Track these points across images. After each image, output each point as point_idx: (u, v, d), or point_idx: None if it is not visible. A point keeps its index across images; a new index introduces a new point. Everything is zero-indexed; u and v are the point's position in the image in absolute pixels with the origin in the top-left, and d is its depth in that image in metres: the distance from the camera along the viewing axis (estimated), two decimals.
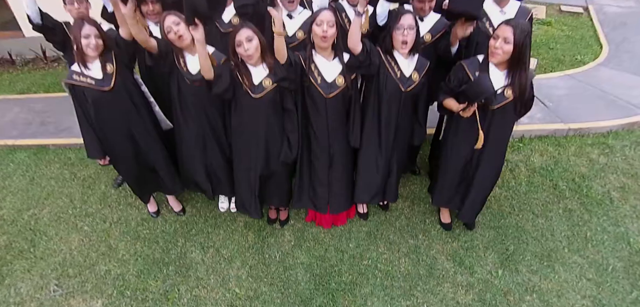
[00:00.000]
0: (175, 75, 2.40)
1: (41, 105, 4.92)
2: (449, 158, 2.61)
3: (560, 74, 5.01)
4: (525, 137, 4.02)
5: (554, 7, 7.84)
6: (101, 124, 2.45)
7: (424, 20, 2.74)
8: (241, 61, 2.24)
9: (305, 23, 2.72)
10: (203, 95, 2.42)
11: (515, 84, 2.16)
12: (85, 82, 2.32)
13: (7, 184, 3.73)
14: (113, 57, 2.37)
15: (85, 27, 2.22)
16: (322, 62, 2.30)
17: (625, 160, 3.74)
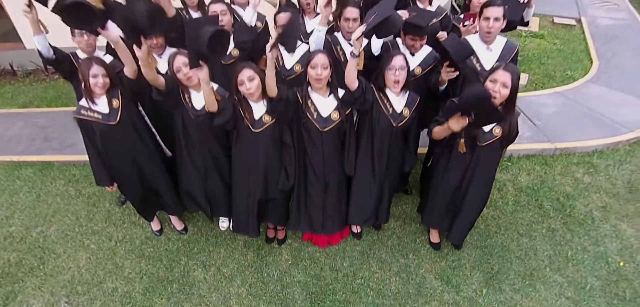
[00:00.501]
0: (180, 109, 2.58)
1: (44, 119, 5.08)
2: (438, 185, 2.80)
3: (550, 92, 5.21)
4: (513, 156, 4.21)
5: (547, 19, 8.04)
6: (108, 155, 2.63)
7: (415, 55, 2.92)
8: (243, 97, 2.42)
9: (303, 57, 2.90)
10: (206, 127, 2.60)
11: (505, 123, 2.35)
12: (93, 116, 2.49)
13: (15, 200, 3.90)
14: (119, 92, 2.54)
15: (93, 67, 2.39)
16: (318, 98, 2.48)
17: (609, 179, 3.95)
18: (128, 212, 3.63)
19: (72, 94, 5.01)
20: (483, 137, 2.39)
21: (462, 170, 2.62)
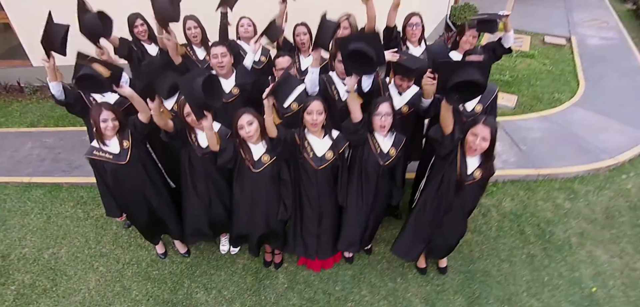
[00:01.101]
0: (186, 147, 2.83)
1: (52, 139, 5.32)
2: (416, 218, 3.03)
3: (537, 116, 5.47)
4: (498, 181, 4.46)
5: (538, 37, 8.32)
6: (119, 190, 2.87)
7: (402, 94, 3.18)
8: (243, 140, 2.67)
9: (300, 96, 3.16)
10: (210, 163, 2.85)
11: (484, 168, 2.60)
12: (105, 157, 2.74)
13: (26, 222, 4.14)
14: (129, 133, 2.79)
15: (103, 113, 2.64)
16: (314, 139, 2.73)
17: (588, 205, 4.21)
18: (134, 234, 3.87)
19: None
20: (466, 178, 2.63)
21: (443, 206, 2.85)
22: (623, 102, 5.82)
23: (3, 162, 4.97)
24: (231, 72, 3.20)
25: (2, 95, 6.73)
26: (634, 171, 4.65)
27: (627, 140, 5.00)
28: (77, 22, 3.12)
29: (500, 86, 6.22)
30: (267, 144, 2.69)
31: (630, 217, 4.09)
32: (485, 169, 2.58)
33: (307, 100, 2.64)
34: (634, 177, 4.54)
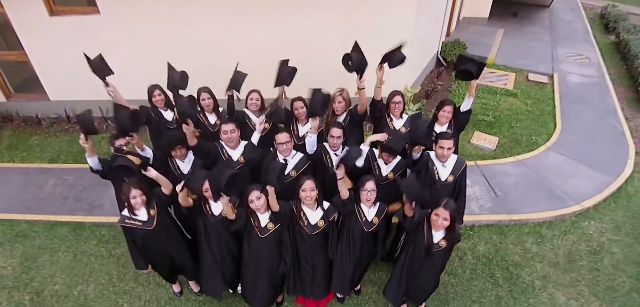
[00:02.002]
0: (202, 216, 3.42)
1: (73, 177, 5.90)
2: (397, 270, 3.62)
3: (513, 160, 6.08)
4: (475, 225, 5.07)
5: (523, 74, 8.97)
6: (146, 249, 3.45)
7: (388, 165, 3.78)
8: (252, 210, 3.26)
9: (298, 164, 3.75)
10: (222, 227, 3.43)
11: (448, 238, 3.19)
12: (134, 224, 3.32)
13: (55, 259, 4.71)
14: (154, 203, 3.37)
15: (132, 191, 3.20)
16: (308, 211, 3.33)
17: (552, 249, 4.81)
18: (152, 273, 4.43)
19: (96, 147, 5.92)
20: (433, 246, 3.23)
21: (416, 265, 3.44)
22: (594, 146, 6.45)
23: (29, 199, 5.54)
24: (239, 143, 3.78)
25: (21, 127, 7.29)
26: (597, 216, 5.26)
27: (594, 186, 5.61)
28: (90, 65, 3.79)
29: (483, 127, 6.88)
30: (271, 214, 3.28)
31: (589, 261, 4.69)
32: (449, 239, 3.17)
33: (302, 180, 3.23)
34: (596, 223, 5.15)
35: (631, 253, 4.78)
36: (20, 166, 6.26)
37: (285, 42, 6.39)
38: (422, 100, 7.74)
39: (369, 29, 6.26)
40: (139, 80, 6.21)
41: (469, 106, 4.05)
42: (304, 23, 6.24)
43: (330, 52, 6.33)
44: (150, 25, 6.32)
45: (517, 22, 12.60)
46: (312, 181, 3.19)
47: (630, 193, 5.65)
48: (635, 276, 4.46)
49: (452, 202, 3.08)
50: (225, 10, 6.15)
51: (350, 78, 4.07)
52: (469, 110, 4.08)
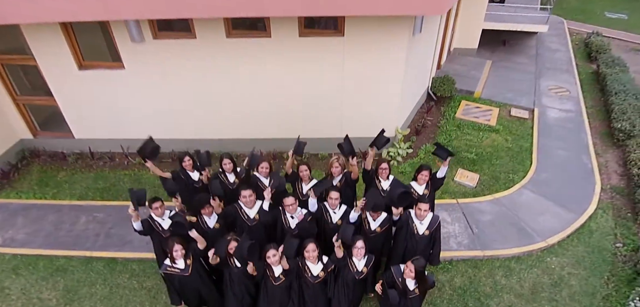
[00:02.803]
0: (227, 267, 4.32)
1: (102, 214, 6.79)
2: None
3: (490, 198, 7.00)
4: (453, 260, 5.98)
5: (506, 109, 9.90)
6: (182, 290, 4.35)
7: (376, 220, 4.70)
8: (268, 263, 4.16)
9: (303, 220, 4.66)
10: (243, 276, 4.33)
11: (420, 287, 4.10)
12: (174, 271, 4.22)
13: (93, 291, 5.60)
14: (191, 254, 4.28)
15: (174, 245, 4.11)
16: (311, 265, 4.23)
17: (519, 282, 5.73)
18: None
19: (118, 185, 6.98)
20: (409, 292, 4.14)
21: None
22: (564, 184, 7.37)
23: (65, 236, 6.43)
24: (254, 203, 4.68)
25: (48, 162, 8.17)
26: (560, 251, 6.19)
27: (560, 223, 6.54)
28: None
29: (466, 164, 7.81)
30: (284, 267, 4.18)
31: (550, 292, 5.61)
32: (421, 287, 4.08)
33: (306, 243, 4.13)
34: (559, 258, 6.07)
35: (587, 286, 5.70)
36: (52, 203, 7.14)
37: (293, 87, 7.34)
38: (412, 137, 8.68)
39: (363, 78, 7.20)
40: (156, 123, 7.25)
41: (443, 174, 4.98)
42: (309, 72, 7.16)
43: (330, 95, 7.34)
44: (169, 78, 7.23)
45: (505, 51, 13.57)
46: (314, 244, 4.10)
47: (592, 229, 6.58)
48: (587, 305, 5.38)
49: (421, 260, 3.98)
50: (236, 63, 7.06)
51: (345, 114, 5.05)
52: (443, 177, 5.01)
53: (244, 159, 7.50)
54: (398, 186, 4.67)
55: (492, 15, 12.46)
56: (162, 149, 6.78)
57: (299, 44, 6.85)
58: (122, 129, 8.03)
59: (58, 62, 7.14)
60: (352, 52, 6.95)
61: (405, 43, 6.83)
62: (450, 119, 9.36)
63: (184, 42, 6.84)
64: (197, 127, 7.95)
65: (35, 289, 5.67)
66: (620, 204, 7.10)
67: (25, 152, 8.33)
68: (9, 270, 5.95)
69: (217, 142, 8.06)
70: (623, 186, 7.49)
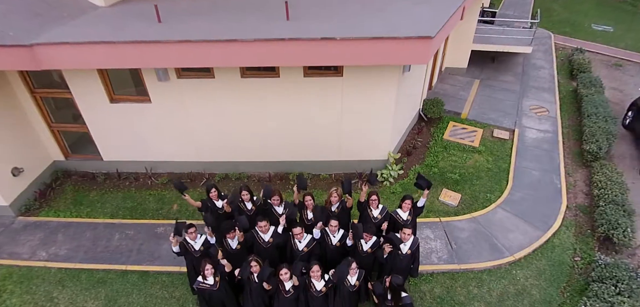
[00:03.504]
0: (248, 282, 5.47)
1: (132, 231, 7.92)
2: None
3: (469, 217, 8.15)
4: (434, 273, 7.13)
5: (489, 129, 11.01)
6: (211, 301, 5.50)
7: (367, 242, 5.85)
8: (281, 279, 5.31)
9: (308, 243, 5.80)
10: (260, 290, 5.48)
11: (394, 300, 5.24)
12: (205, 286, 5.37)
13: (131, 301, 6.74)
14: (219, 272, 5.42)
15: (207, 266, 5.25)
16: (315, 282, 5.37)
17: (489, 291, 6.89)
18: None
19: (144, 204, 8.08)
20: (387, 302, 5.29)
21: None
22: (534, 203, 8.51)
23: (102, 251, 7.55)
24: (268, 230, 5.81)
25: (80, 183, 9.29)
26: (526, 264, 7.34)
27: (527, 239, 7.69)
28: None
29: (450, 184, 8.94)
30: (293, 283, 5.33)
31: (514, 300, 6.76)
32: (395, 302, 5.22)
33: (312, 264, 5.26)
34: (524, 271, 7.22)
35: (546, 295, 6.86)
36: (88, 221, 8.26)
37: (298, 118, 8.45)
38: (403, 158, 9.81)
39: (359, 110, 8.32)
40: (177, 147, 8.39)
41: (423, 204, 6.11)
42: (312, 106, 8.26)
43: (330, 125, 8.45)
44: (189, 110, 8.33)
45: (493, 68, 14.66)
46: (317, 265, 5.23)
47: (555, 244, 7.74)
48: None
49: (399, 279, 5.12)
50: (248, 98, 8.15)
51: (343, 141, 6.46)
52: (423, 206, 6.15)
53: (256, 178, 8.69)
54: (385, 212, 5.86)
55: (480, 37, 13.53)
56: (180, 170, 7.97)
57: (303, 83, 7.95)
58: (146, 152, 9.15)
59: (92, 97, 8.22)
60: (350, 89, 8.05)
61: (395, 81, 7.94)
62: (438, 141, 10.49)
63: (204, 81, 7.93)
64: (213, 151, 9.06)
65: (81, 298, 6.80)
66: (582, 222, 8.26)
67: (59, 173, 9.44)
68: (56, 282, 7.08)
69: (231, 164, 9.19)
70: (587, 204, 8.64)
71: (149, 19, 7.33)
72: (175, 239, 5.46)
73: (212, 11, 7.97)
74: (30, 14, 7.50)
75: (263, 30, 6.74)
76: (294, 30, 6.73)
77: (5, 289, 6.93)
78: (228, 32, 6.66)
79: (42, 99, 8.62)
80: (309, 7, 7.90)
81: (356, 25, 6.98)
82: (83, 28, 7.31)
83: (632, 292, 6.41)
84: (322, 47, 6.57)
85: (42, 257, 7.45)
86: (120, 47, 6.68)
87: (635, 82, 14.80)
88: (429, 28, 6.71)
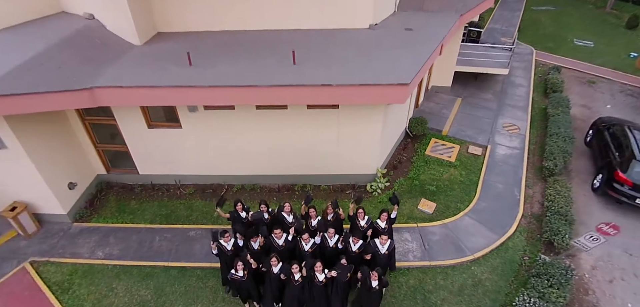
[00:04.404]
0: (268, 274, 7.65)
1: (170, 235, 10.09)
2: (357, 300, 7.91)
3: (440, 224, 10.31)
4: (410, 268, 9.32)
5: (465, 146, 13.14)
6: (239, 288, 7.69)
7: (355, 244, 8.03)
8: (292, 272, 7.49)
9: (312, 246, 7.99)
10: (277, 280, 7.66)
11: (379, 286, 7.43)
12: (236, 277, 7.54)
13: (174, 290, 8.92)
14: (246, 266, 7.61)
15: (239, 263, 7.43)
16: (317, 274, 7.54)
17: (451, 283, 9.07)
18: (233, 299, 8.66)
19: (176, 212, 10.35)
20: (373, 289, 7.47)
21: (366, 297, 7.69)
22: (495, 213, 10.67)
23: (147, 251, 9.73)
24: (282, 236, 7.98)
25: (120, 193, 11.45)
26: (483, 262, 9.51)
27: (485, 241, 9.87)
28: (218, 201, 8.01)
29: (428, 195, 11.11)
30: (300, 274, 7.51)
31: (471, 290, 8.94)
32: (379, 286, 7.40)
33: (313, 261, 7.44)
34: (481, 267, 9.40)
35: (496, 286, 9.03)
36: (132, 226, 10.43)
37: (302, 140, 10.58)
38: (390, 172, 11.98)
39: (352, 135, 10.46)
40: (202, 163, 10.53)
41: (395, 216, 8.27)
42: (314, 131, 10.39)
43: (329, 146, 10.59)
44: (214, 132, 10.46)
45: (476, 86, 16.74)
46: (320, 263, 7.39)
47: (509, 246, 9.91)
48: (494, 298, 8.73)
49: (380, 269, 7.30)
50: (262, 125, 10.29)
51: (340, 159, 8.63)
52: (395, 217, 8.31)
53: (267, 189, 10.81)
54: (369, 221, 8.05)
55: (463, 59, 15.62)
56: (204, 182, 10.08)
57: (307, 113, 10.08)
58: (176, 167, 11.29)
59: (133, 124, 10.35)
60: (344, 120, 10.18)
61: (381, 114, 10.06)
62: (421, 156, 12.63)
63: (226, 112, 10.07)
64: (232, 166, 11.20)
65: (135, 288, 8.98)
66: (534, 228, 10.43)
67: (102, 185, 11.60)
68: (113, 276, 9.26)
69: (246, 177, 11.36)
70: (539, 213, 10.82)
71: (181, 59, 9.35)
72: (214, 245, 7.64)
73: (232, 52, 9.98)
74: (83, 60, 9.52)
75: (275, 75, 8.81)
76: (299, 75, 8.81)
77: (73, 283, 9.10)
78: (247, 77, 8.74)
79: (90, 125, 10.75)
80: (311, 51, 9.95)
81: (349, 72, 9.05)
82: (128, 69, 9.31)
83: (561, 286, 8.56)
84: (321, 91, 8.67)
85: (100, 256, 9.62)
86: (161, 90, 8.76)
87: (604, 100, 16.90)
88: (406, 75, 8.82)
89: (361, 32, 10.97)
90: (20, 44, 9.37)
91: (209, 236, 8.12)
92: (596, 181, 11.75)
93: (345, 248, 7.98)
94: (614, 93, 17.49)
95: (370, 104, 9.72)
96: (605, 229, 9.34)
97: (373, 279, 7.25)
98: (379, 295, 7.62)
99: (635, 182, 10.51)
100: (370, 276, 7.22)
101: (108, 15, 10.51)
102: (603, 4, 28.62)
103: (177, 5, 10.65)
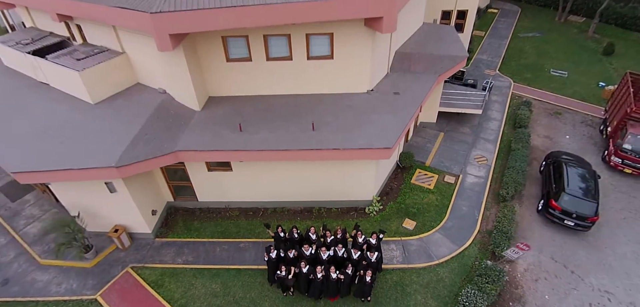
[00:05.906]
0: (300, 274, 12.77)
1: (226, 246, 15.25)
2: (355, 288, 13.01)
3: (417, 238, 15.35)
4: (394, 269, 14.38)
5: (442, 175, 18.09)
6: (282, 283, 12.86)
7: (355, 255, 13.14)
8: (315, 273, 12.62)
9: (328, 256, 13.13)
10: (306, 277, 12.80)
11: (371, 280, 12.54)
12: (282, 276, 12.68)
13: (234, 283, 14.04)
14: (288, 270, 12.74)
15: (283, 268, 12.59)
16: (332, 274, 12.68)
17: (422, 279, 14.09)
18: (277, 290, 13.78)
19: (229, 230, 15.93)
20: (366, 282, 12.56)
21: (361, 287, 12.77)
22: (459, 229, 15.61)
23: (213, 258, 14.82)
24: (309, 249, 13.09)
25: (185, 216, 16.66)
26: (446, 265, 14.45)
27: (448, 251, 14.85)
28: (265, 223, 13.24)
29: (410, 215, 16.18)
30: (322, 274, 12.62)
31: (435, 284, 13.90)
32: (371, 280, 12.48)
33: (330, 265, 12.55)
34: (443, 268, 14.37)
35: (452, 282, 14.00)
36: (197, 240, 15.59)
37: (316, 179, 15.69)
38: (383, 197, 17.05)
39: (353, 175, 15.54)
40: (246, 194, 15.69)
41: (382, 238, 13.36)
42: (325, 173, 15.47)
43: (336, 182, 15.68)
44: (255, 171, 15.59)
45: (457, 121, 21.61)
46: (333, 266, 12.51)
47: (465, 254, 14.91)
48: (449, 290, 13.76)
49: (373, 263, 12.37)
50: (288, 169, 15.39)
51: (344, 191, 13.77)
52: (382, 238, 13.39)
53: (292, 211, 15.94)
54: (365, 239, 13.16)
55: (445, 101, 20.48)
56: (246, 207, 15.24)
57: (322, 162, 15.20)
58: (225, 196, 16.47)
59: (197, 169, 15.49)
60: (348, 166, 15.25)
61: (374, 162, 15.12)
62: (407, 184, 17.63)
63: (265, 162, 15.18)
64: (266, 195, 16.31)
65: (208, 284, 14.11)
66: (485, 241, 15.38)
67: (171, 210, 16.83)
68: (191, 275, 14.42)
69: (276, 203, 16.45)
70: (491, 230, 15.80)
71: (232, 124, 14.42)
72: (268, 255, 12.79)
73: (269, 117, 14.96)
74: (165, 127, 14.63)
75: (300, 140, 13.88)
76: (317, 139, 13.83)
77: (164, 281, 14.28)
78: (281, 142, 13.79)
79: (165, 168, 15.94)
80: (325, 116, 14.90)
81: (351, 138, 14.00)
82: (196, 132, 14.31)
83: (495, 282, 13.54)
84: (332, 153, 13.75)
85: (179, 262, 14.82)
86: (222, 153, 13.89)
87: (565, 131, 21.56)
88: (390, 139, 13.84)
89: (360, 96, 15.94)
90: (122, 117, 14.48)
91: (254, 246, 13.32)
92: (539, 205, 16.60)
93: (349, 256, 13.08)
94: (575, 124, 22.06)
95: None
96: (521, 246, 14.09)
97: (367, 276, 12.34)
98: (370, 286, 12.71)
99: (563, 209, 15.33)
100: (365, 274, 12.34)
101: (175, 89, 15.61)
102: (587, 28, 32.98)
103: (225, 79, 15.69)
